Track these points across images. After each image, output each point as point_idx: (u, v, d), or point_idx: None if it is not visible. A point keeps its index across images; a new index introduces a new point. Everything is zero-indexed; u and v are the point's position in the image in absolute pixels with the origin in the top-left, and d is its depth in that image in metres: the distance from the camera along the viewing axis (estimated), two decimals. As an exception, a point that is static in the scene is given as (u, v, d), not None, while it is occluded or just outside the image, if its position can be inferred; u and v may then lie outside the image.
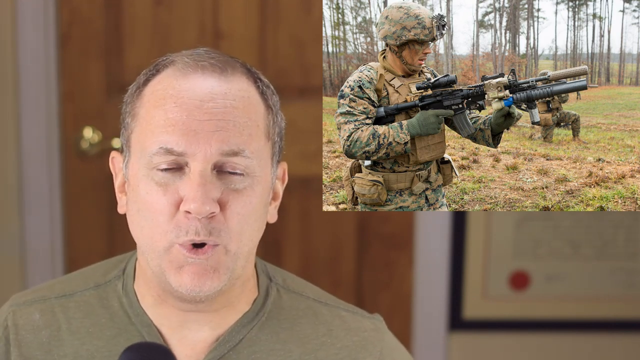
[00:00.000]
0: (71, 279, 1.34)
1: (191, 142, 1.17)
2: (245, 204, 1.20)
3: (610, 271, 2.84)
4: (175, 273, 1.19)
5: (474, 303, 2.83)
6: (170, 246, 1.19)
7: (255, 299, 1.31)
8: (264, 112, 1.24)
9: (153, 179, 1.19)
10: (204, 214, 1.16)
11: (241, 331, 1.28)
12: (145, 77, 1.25)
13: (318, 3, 2.70)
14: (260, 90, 1.25)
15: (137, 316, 1.28)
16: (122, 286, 1.30)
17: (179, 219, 1.18)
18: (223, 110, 1.19)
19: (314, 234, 2.81)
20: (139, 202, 1.21)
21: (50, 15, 2.66)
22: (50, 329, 1.28)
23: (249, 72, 1.26)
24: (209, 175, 1.18)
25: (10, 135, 2.69)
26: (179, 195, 1.18)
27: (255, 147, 1.21)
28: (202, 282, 1.19)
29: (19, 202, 2.72)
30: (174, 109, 1.19)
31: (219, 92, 1.20)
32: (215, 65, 1.22)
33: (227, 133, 1.18)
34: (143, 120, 1.22)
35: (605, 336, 2.87)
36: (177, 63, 1.23)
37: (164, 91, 1.21)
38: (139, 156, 1.21)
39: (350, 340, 1.32)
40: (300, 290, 1.35)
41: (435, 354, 2.84)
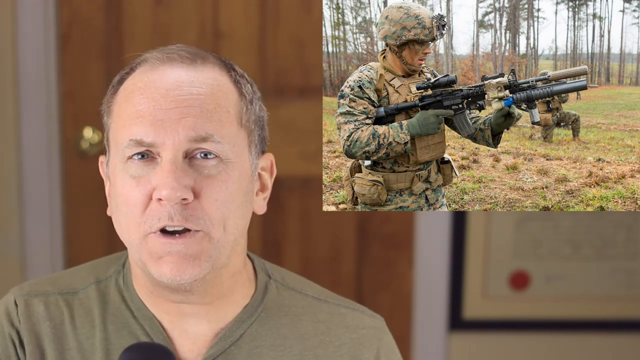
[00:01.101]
0: (73, 275, 1.35)
1: (159, 132, 1.18)
2: (221, 189, 1.20)
3: (610, 271, 2.84)
4: (155, 264, 1.20)
5: (474, 303, 2.83)
6: (145, 236, 1.19)
7: (254, 294, 1.31)
8: (236, 99, 1.24)
9: (128, 172, 1.20)
10: (176, 200, 1.16)
11: (241, 326, 1.28)
12: (119, 77, 1.26)
13: (318, 3, 2.71)
14: (233, 79, 1.25)
15: (139, 310, 1.28)
16: (122, 280, 1.31)
17: (152, 208, 1.19)
18: (189, 97, 1.20)
19: (314, 234, 2.81)
20: (117, 197, 1.22)
21: (50, 15, 2.66)
22: (54, 322, 1.29)
23: (222, 62, 1.26)
24: (180, 163, 1.18)
25: (10, 135, 2.69)
26: (151, 185, 1.19)
27: (227, 132, 1.21)
28: (182, 270, 1.19)
29: (19, 202, 2.72)
30: (141, 100, 1.20)
31: (185, 80, 1.21)
32: (184, 57, 1.23)
33: (194, 119, 1.19)
34: (116, 116, 1.23)
35: (605, 336, 2.87)
36: (148, 59, 1.25)
37: (134, 85, 1.22)
38: (115, 152, 1.23)
39: (349, 338, 1.32)
40: (299, 288, 1.35)
41: (435, 354, 2.84)
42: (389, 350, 1.36)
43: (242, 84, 1.26)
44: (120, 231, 1.24)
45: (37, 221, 2.72)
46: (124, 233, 1.23)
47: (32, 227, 2.73)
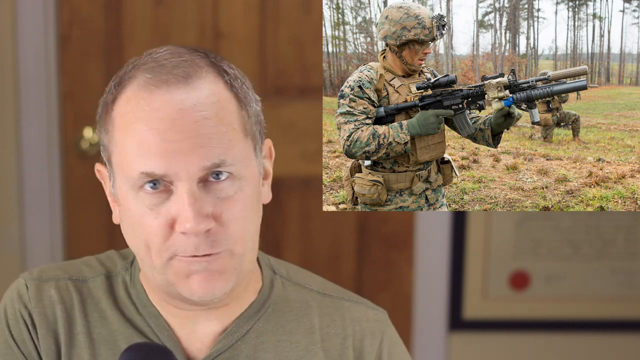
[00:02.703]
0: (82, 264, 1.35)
1: (170, 164, 1.16)
2: (239, 208, 1.19)
3: (610, 271, 2.84)
4: (184, 282, 1.20)
5: (474, 303, 2.83)
6: (170, 259, 1.19)
7: (260, 290, 1.32)
8: (236, 110, 1.21)
9: (143, 202, 1.18)
10: (200, 232, 1.16)
11: (248, 322, 1.29)
12: (112, 95, 1.22)
13: (318, 3, 2.70)
14: (228, 84, 1.21)
15: (145, 307, 1.29)
16: (129, 277, 1.32)
17: (175, 239, 1.18)
18: (195, 125, 1.16)
19: (314, 234, 2.81)
20: (134, 224, 1.21)
21: (50, 15, 2.66)
22: (65, 305, 1.29)
23: (213, 65, 1.22)
24: (197, 193, 1.17)
25: (10, 135, 2.69)
26: (170, 215, 1.17)
27: (237, 151, 1.19)
28: (212, 287, 1.20)
29: (19, 202, 2.72)
30: (145, 132, 1.17)
31: (188, 106, 1.17)
32: (179, 77, 1.18)
33: (204, 148, 1.16)
34: (120, 146, 1.20)
35: (605, 336, 2.87)
36: (138, 77, 1.20)
37: (133, 114, 1.18)
38: (124, 180, 1.20)
39: (353, 330, 1.33)
40: (304, 282, 1.36)
41: (435, 354, 2.84)
42: (392, 342, 1.37)
43: (236, 88, 1.22)
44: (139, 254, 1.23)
45: (37, 221, 2.72)
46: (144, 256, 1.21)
47: (32, 226, 2.73)
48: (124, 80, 1.21)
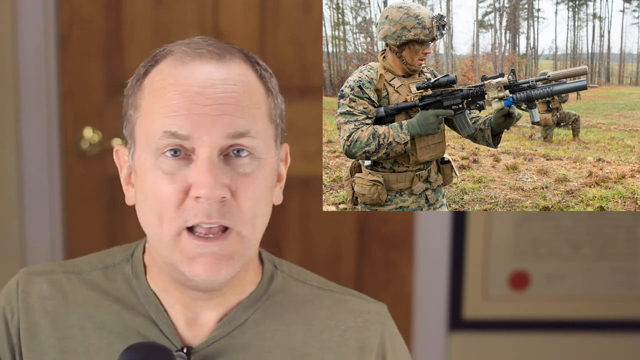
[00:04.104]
0: (81, 260, 1.37)
1: (195, 126, 1.18)
2: (255, 187, 1.21)
3: (610, 271, 2.84)
4: (188, 264, 1.21)
5: (474, 303, 2.83)
6: (179, 234, 1.20)
7: (260, 281, 1.33)
8: (264, 94, 1.26)
9: (160, 168, 1.20)
10: (215, 198, 1.17)
11: (246, 312, 1.30)
12: (144, 68, 1.26)
13: (318, 3, 2.70)
14: (258, 73, 1.26)
15: (145, 296, 1.30)
16: (131, 268, 1.33)
17: (188, 204, 1.19)
18: (224, 94, 1.20)
19: (314, 234, 2.81)
20: (147, 192, 1.22)
21: (50, 15, 2.66)
22: (57, 300, 1.30)
23: (246, 57, 1.27)
24: (216, 161, 1.19)
25: (10, 135, 2.69)
26: (187, 182, 1.19)
27: (260, 128, 1.23)
28: (217, 271, 1.20)
29: (19, 202, 2.72)
30: (175, 96, 1.20)
31: (219, 78, 1.21)
32: (212, 52, 1.23)
33: (230, 116, 1.19)
34: (145, 111, 1.23)
35: (605, 336, 2.87)
36: (175, 53, 1.24)
37: (164, 80, 1.22)
38: (145, 146, 1.22)
39: (354, 322, 1.34)
40: (305, 279, 1.37)
41: (435, 354, 2.84)
42: (393, 334, 1.38)
43: (266, 79, 1.27)
44: (148, 224, 1.24)
45: (37, 221, 2.72)
46: (154, 227, 1.22)
47: (32, 227, 2.73)
48: (158, 56, 1.26)
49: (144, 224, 1.25)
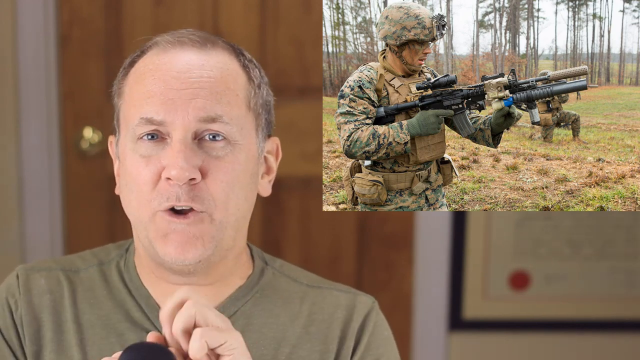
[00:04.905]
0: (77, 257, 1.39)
1: (169, 111, 1.21)
2: (228, 170, 1.23)
3: (610, 271, 2.84)
4: (161, 242, 1.23)
5: (474, 303, 2.83)
6: (154, 214, 1.23)
7: (250, 276, 1.35)
8: (244, 82, 1.28)
9: (138, 152, 1.23)
10: (184, 179, 1.20)
11: (235, 304, 1.32)
12: (131, 59, 1.31)
13: (318, 3, 2.70)
14: (242, 63, 1.29)
15: (137, 289, 1.32)
16: (124, 263, 1.36)
17: (161, 187, 1.22)
18: (199, 79, 1.23)
19: (314, 234, 2.81)
20: (127, 176, 1.25)
21: (50, 15, 2.66)
22: (54, 295, 1.32)
23: (231, 47, 1.30)
24: (189, 143, 1.21)
25: (10, 135, 2.69)
26: (161, 164, 1.22)
27: (235, 115, 1.24)
28: (186, 250, 1.23)
29: (19, 202, 2.72)
30: (152, 81, 1.24)
31: (196, 64, 1.24)
32: (194, 40, 1.27)
33: (204, 100, 1.22)
34: (127, 97, 1.27)
35: (605, 336, 2.87)
36: (159, 43, 1.29)
37: (145, 67, 1.26)
38: (125, 132, 1.26)
39: (341, 314, 1.36)
40: (295, 277, 1.39)
41: (435, 354, 2.84)
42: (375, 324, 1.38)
43: (250, 69, 1.29)
44: (128, 208, 1.27)
45: (37, 221, 2.73)
46: (132, 210, 1.26)
47: (32, 226, 2.73)
48: (144, 47, 1.31)
49: (125, 207, 1.28)
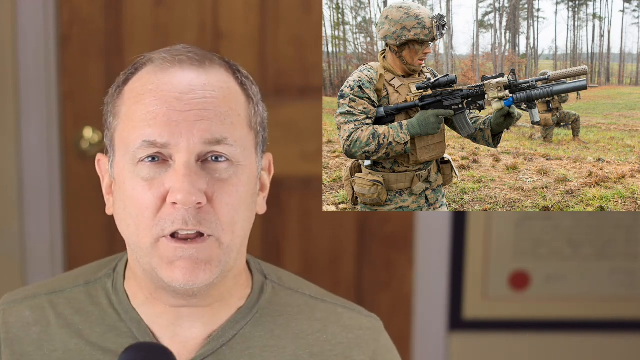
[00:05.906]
0: (62, 277, 1.35)
1: (173, 133, 1.18)
2: (232, 193, 1.20)
3: (610, 271, 2.84)
4: (167, 269, 1.19)
5: (474, 303, 2.83)
6: (157, 241, 1.19)
7: (249, 295, 1.31)
8: (244, 102, 1.25)
9: (139, 175, 1.19)
10: (191, 204, 1.16)
11: (234, 327, 1.28)
12: (124, 76, 1.26)
13: (318, 3, 2.70)
14: (239, 81, 1.26)
15: (126, 313, 1.28)
16: (111, 284, 1.31)
17: (165, 211, 1.18)
18: (203, 100, 1.20)
19: (314, 234, 2.81)
20: (125, 199, 1.21)
21: (50, 15, 2.66)
22: (41, 325, 1.29)
23: (227, 64, 1.27)
24: (193, 166, 1.18)
25: (10, 135, 2.69)
26: (164, 188, 1.18)
27: (239, 136, 1.21)
28: (195, 276, 1.19)
29: (19, 202, 2.72)
30: (153, 102, 1.19)
31: (198, 84, 1.21)
32: (192, 59, 1.23)
33: (208, 122, 1.19)
34: (125, 117, 1.22)
35: (605, 336, 2.87)
36: (155, 60, 1.24)
37: (143, 87, 1.22)
38: (124, 153, 1.21)
39: (346, 338, 1.32)
40: (296, 287, 1.35)
41: (435, 354, 2.84)
42: (386, 350, 1.36)
43: (247, 86, 1.26)
44: (126, 232, 1.23)
45: (37, 221, 2.72)
46: (132, 235, 1.21)
47: (32, 227, 2.73)
48: (138, 64, 1.25)
49: (123, 231, 1.24)
